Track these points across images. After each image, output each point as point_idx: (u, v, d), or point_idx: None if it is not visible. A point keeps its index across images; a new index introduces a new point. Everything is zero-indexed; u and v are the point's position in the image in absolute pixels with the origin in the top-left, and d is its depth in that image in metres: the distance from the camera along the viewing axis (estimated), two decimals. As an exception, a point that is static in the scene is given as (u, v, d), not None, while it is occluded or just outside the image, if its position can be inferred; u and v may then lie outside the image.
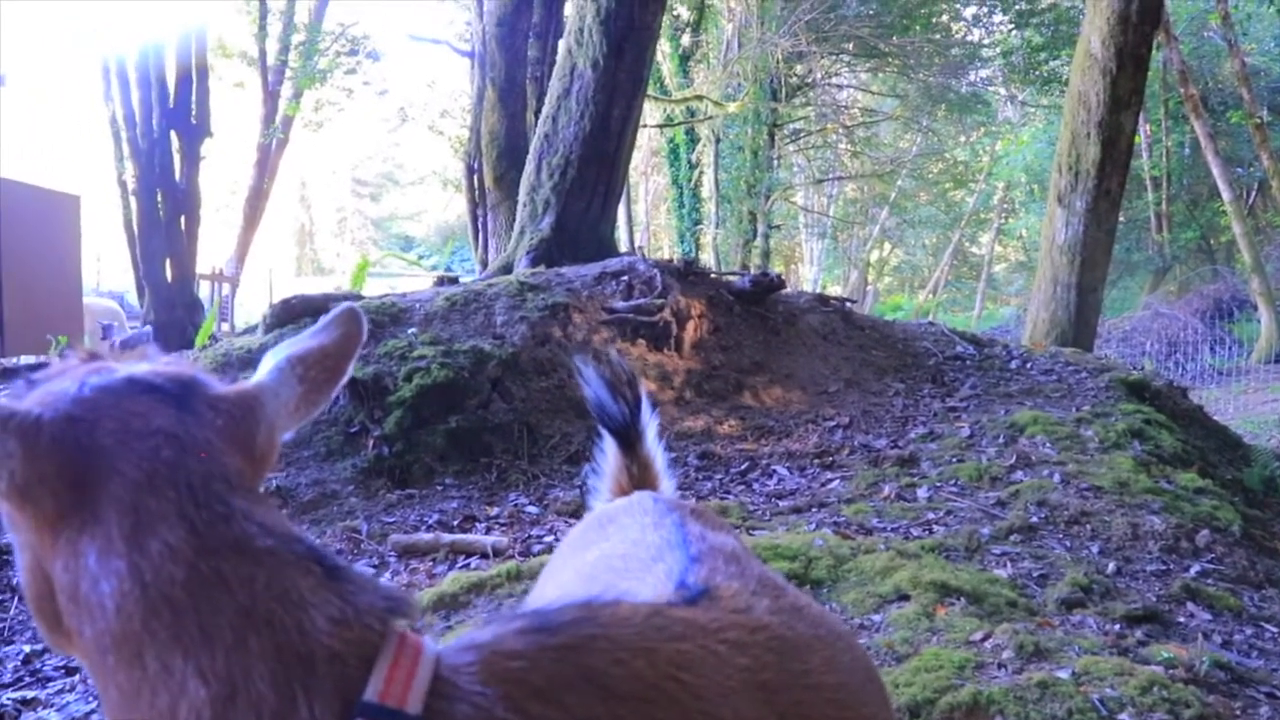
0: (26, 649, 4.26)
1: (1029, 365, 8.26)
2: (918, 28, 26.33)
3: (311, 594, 0.78)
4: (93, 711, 3.67)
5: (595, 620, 0.89)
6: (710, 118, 24.90)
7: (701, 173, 26.85)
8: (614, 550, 1.39)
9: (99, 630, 0.78)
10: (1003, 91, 32.10)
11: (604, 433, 1.93)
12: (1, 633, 4.43)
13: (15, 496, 0.84)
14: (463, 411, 6.15)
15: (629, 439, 1.89)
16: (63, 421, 0.86)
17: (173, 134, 14.24)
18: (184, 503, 0.81)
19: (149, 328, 14.16)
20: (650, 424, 1.92)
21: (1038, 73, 26.34)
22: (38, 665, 4.14)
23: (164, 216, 14.34)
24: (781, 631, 1.03)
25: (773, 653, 0.99)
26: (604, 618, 0.90)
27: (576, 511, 5.33)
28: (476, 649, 0.81)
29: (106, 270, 27.71)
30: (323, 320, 1.12)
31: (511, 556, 4.60)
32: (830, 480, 5.69)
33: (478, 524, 5.21)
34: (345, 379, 1.09)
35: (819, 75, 28.79)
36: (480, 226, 14.71)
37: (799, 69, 27.54)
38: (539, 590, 1.52)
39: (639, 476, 1.88)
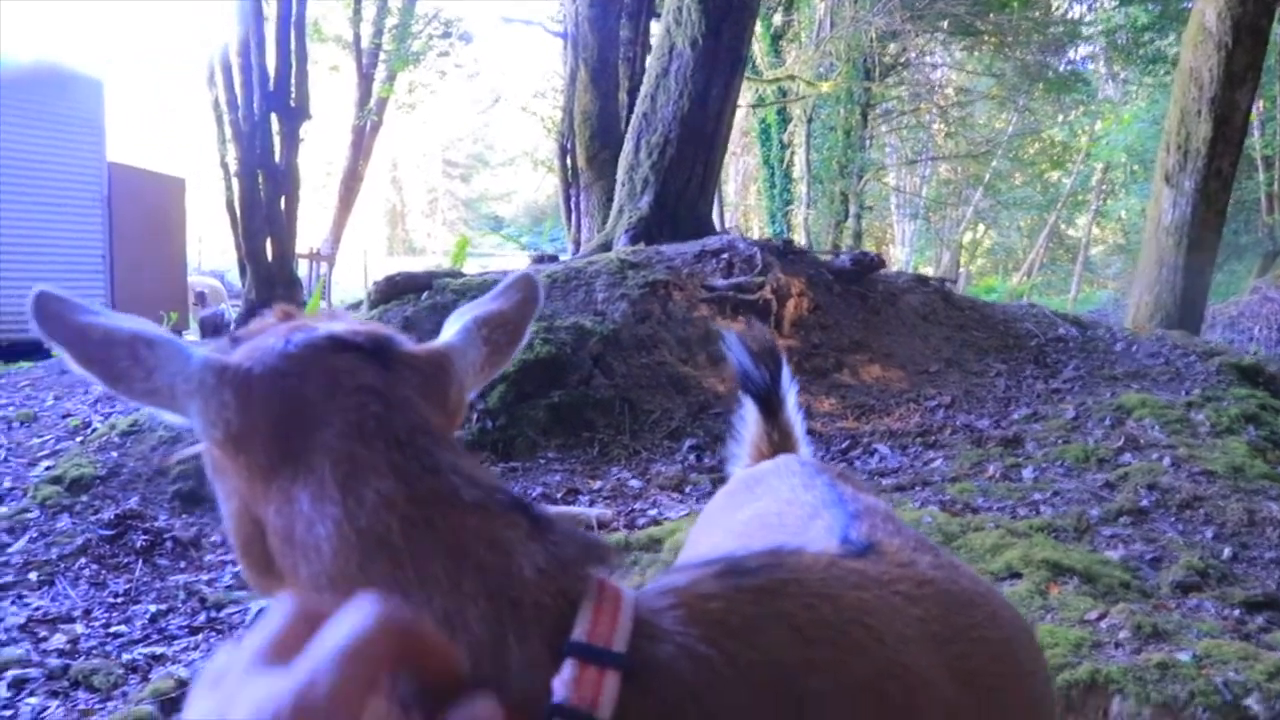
0: (152, 609, 4.41)
1: (1134, 348, 8.07)
2: (1015, 4, 25.73)
3: (518, 543, 0.80)
4: (217, 670, 3.79)
5: (784, 566, 0.90)
6: (802, 98, 24.68)
7: (793, 153, 26.63)
8: (768, 509, 1.40)
9: (315, 571, 0.81)
10: (1104, 70, 31.34)
11: (745, 399, 1.95)
12: (129, 593, 4.58)
13: (229, 446, 0.89)
14: (564, 387, 6.21)
15: (770, 405, 1.90)
16: (273, 375, 0.90)
17: (273, 117, 14.51)
18: (392, 454, 0.84)
19: (222, 307, 14.49)
20: (790, 391, 1.93)
21: (1142, 51, 25.60)
22: (164, 624, 4.28)
23: (264, 197, 14.60)
24: (946, 586, 1.04)
25: (940, 606, 1.00)
26: (791, 564, 0.92)
27: (679, 485, 5.36)
28: (675, 592, 0.83)
29: (208, 250, 28.36)
30: (500, 285, 1.15)
31: (616, 529, 4.64)
32: (933, 459, 5.64)
33: (581, 496, 5.27)
34: (524, 342, 1.12)
35: (913, 54, 28.34)
36: (573, 206, 14.76)
37: (892, 48, 27.13)
38: (689, 551, 1.54)
39: (779, 443, 1.89)
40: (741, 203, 36.22)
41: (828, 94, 24.39)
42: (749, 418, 1.96)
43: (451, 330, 1.07)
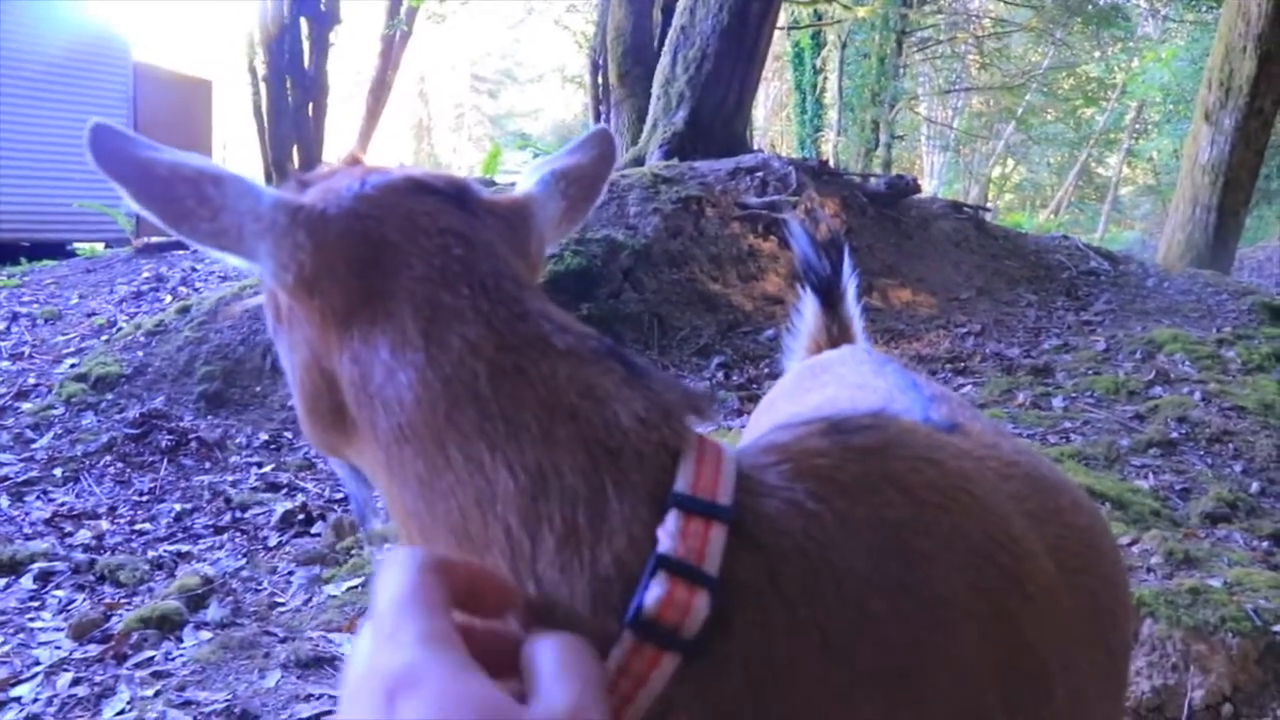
0: (177, 507, 4.45)
1: (1166, 284, 8.01)
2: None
3: (615, 390, 0.77)
4: (242, 568, 3.84)
5: (887, 429, 0.88)
6: (838, 22, 24.28)
7: (826, 78, 26.28)
8: (838, 394, 1.37)
9: (396, 422, 0.78)
10: (1144, 5, 30.74)
11: (806, 290, 1.92)
12: (154, 491, 4.63)
13: (302, 290, 0.85)
14: (594, 300, 6.19)
15: (831, 297, 1.88)
16: (350, 216, 0.86)
17: (303, 21, 14.37)
18: (479, 299, 0.81)
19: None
20: (851, 283, 1.90)
21: (1186, -14, 25.09)
22: (188, 523, 4.33)
23: (292, 103, 14.54)
24: (1031, 470, 1.02)
25: (1030, 487, 0.98)
26: (894, 427, 0.89)
27: (708, 403, 5.36)
28: (779, 449, 0.80)
29: (232, 157, 28.24)
30: (579, 139, 1.11)
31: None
32: (963, 386, 5.63)
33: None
34: (599, 199, 1.09)
35: (952, -19, 27.90)
36: (603, 123, 14.63)
37: (932, -26, 26.71)
38: (750, 434, 1.52)
39: (839, 336, 1.87)
40: (771, 128, 35.85)
41: (864, 19, 23.98)
42: (807, 310, 1.93)
43: (531, 181, 1.03)
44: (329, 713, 2.70)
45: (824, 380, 1.48)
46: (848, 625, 0.72)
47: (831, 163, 21.64)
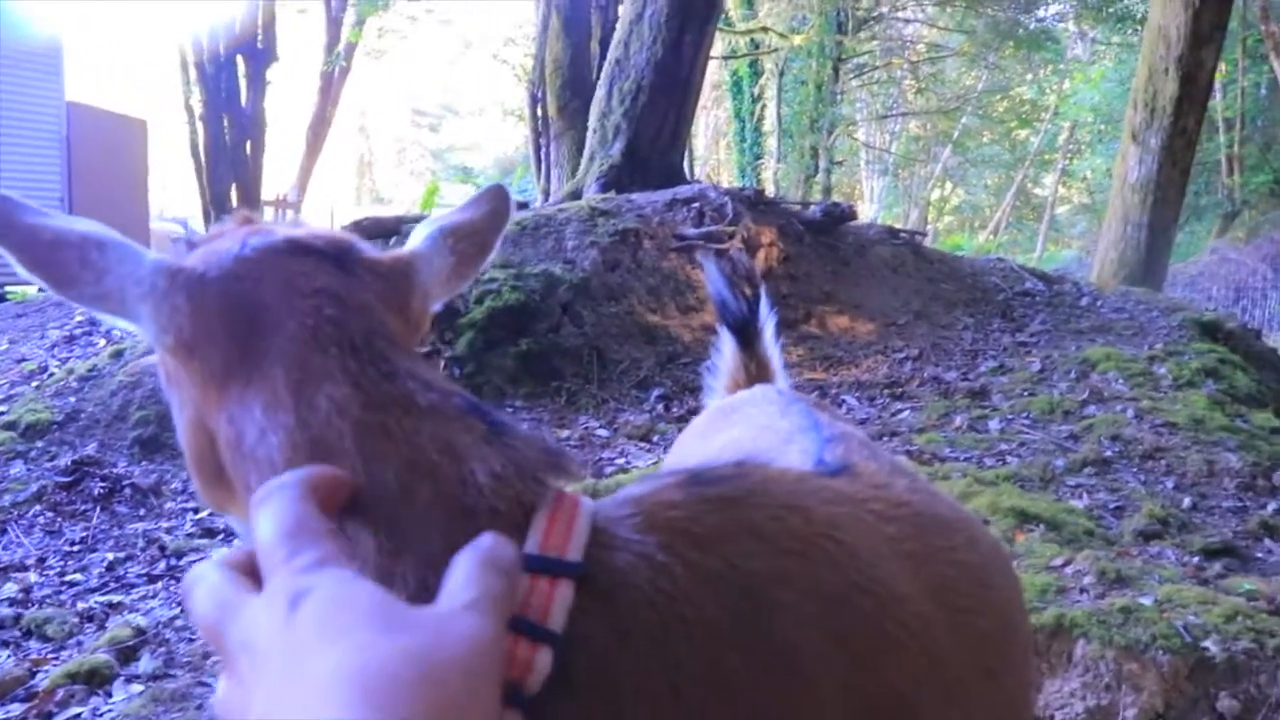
0: (110, 556, 4.36)
1: (1099, 303, 8.14)
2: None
3: (474, 449, 0.78)
4: (176, 617, 3.77)
5: (750, 477, 0.88)
6: (774, 50, 24.55)
7: (764, 106, 26.53)
8: (742, 435, 1.38)
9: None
10: (1073, 29, 31.38)
11: (722, 329, 1.94)
12: (85, 541, 4.53)
13: (182, 351, 0.86)
14: (533, 335, 6.18)
15: (748, 335, 1.89)
16: (228, 278, 0.87)
17: (239, 58, 14.28)
18: (348, 359, 0.82)
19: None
20: (768, 322, 1.92)
21: (1111, 10, 25.63)
22: (121, 572, 4.24)
23: (230, 142, 14.44)
24: (922, 509, 1.03)
25: (916, 527, 0.98)
26: (757, 475, 0.90)
27: (646, 435, 5.37)
28: (634, 501, 0.81)
29: (171, 196, 27.97)
30: (472, 197, 1.13)
31: (584, 477, 4.63)
32: (900, 410, 5.68)
33: (553, 444, 5.25)
34: (493, 255, 1.10)
35: (885, 9, 28.29)
36: (543, 157, 14.60)
37: (865, 2, 27.07)
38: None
39: (756, 374, 1.88)
40: (711, 157, 36.07)
41: (800, 47, 24.28)
42: (726, 349, 1.95)
43: (419, 238, 1.04)
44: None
45: (732, 420, 1.50)
46: (700, 679, 0.72)
47: (772, 189, 21.87)
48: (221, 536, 4.58)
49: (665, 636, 0.72)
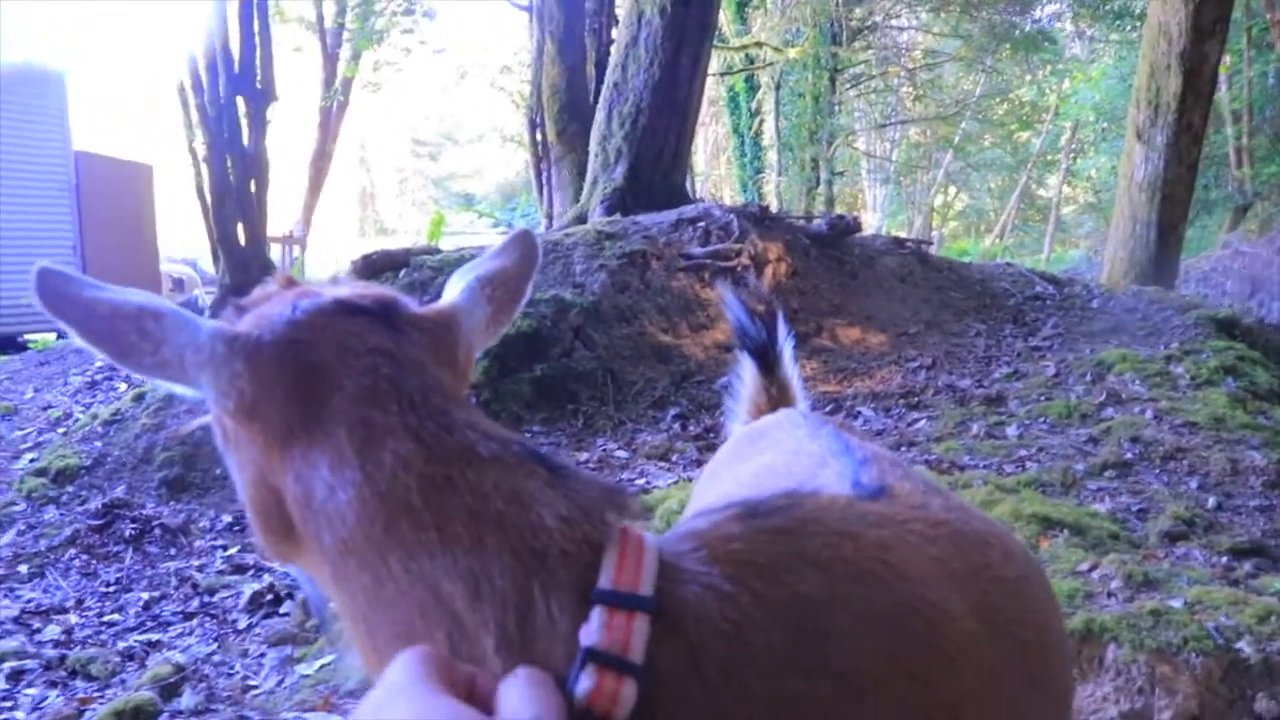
0: (145, 596, 4.40)
1: (1111, 304, 8.12)
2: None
3: (539, 494, 0.81)
4: (213, 653, 3.80)
5: (802, 506, 0.91)
6: (770, 64, 24.59)
7: (762, 120, 26.56)
8: (774, 461, 1.40)
9: (339, 537, 0.81)
10: (1070, 28, 31.37)
11: (742, 355, 1.95)
12: (120, 581, 4.57)
13: (243, 415, 0.89)
14: (547, 360, 6.20)
15: (767, 360, 1.91)
16: (284, 342, 0.90)
17: (239, 100, 14.33)
18: (407, 415, 0.85)
19: (196, 293, 14.41)
20: (787, 345, 1.93)
21: (1109, 7, 25.61)
22: (157, 611, 4.28)
23: (235, 181, 14.46)
24: (959, 526, 1.05)
25: (955, 545, 1.00)
26: (809, 504, 0.93)
27: (665, 454, 5.37)
28: (696, 536, 0.84)
29: (179, 237, 28.08)
30: (501, 243, 1.15)
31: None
32: (917, 420, 5.67)
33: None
34: (525, 300, 1.12)
35: (879, 17, 28.31)
36: (544, 181, 14.66)
37: (859, 12, 27.06)
38: (695, 507, 1.53)
39: (777, 398, 1.90)
40: (712, 172, 36.11)
41: (795, 60, 24.30)
42: (746, 374, 1.97)
43: (455, 290, 1.06)
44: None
45: (761, 446, 1.52)
46: (767, 704, 0.74)
47: (775, 203, 21.89)
48: (252, 572, 4.61)
49: (735, 665, 0.75)
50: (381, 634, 0.80)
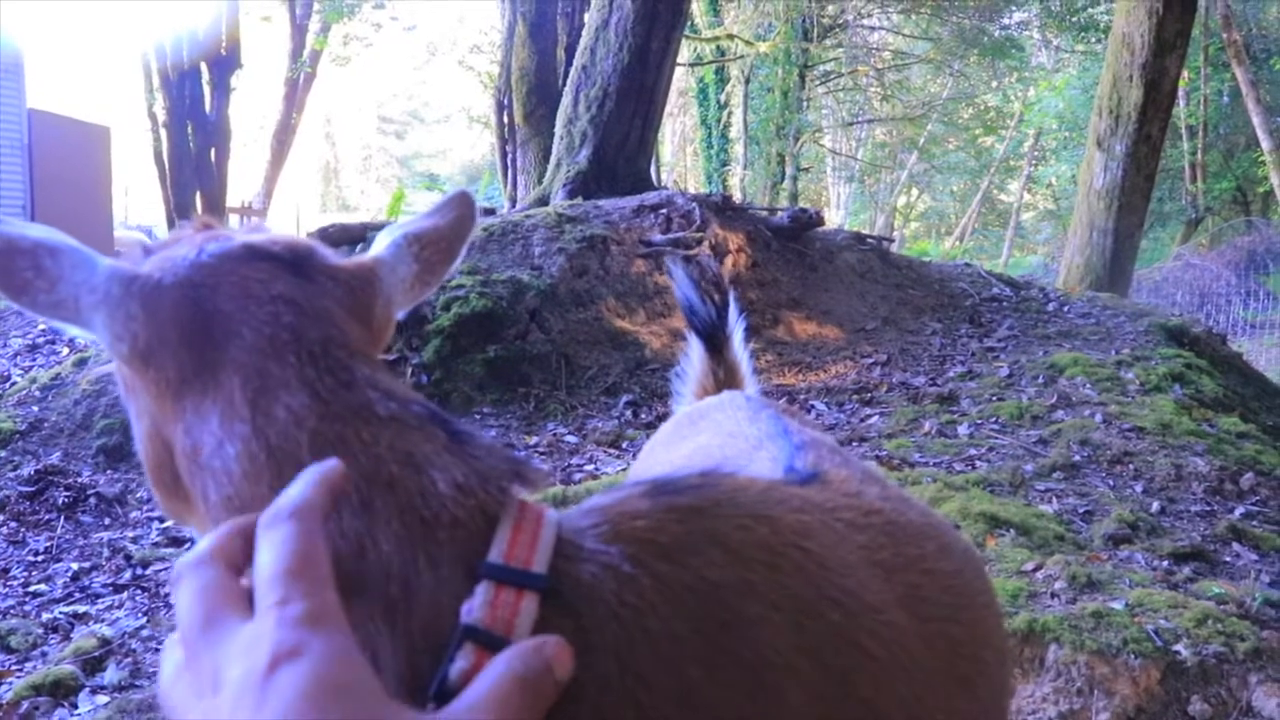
0: (75, 566, 4.31)
1: (1066, 308, 8.20)
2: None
3: (435, 458, 0.77)
4: (142, 627, 3.72)
5: (716, 486, 0.87)
6: (740, 57, 24.63)
7: (730, 113, 26.59)
8: (710, 442, 1.37)
9: (224, 494, 0.78)
10: (1037, 36, 31.66)
11: (690, 335, 1.92)
12: (50, 551, 4.47)
13: (137, 360, 0.84)
14: (501, 341, 6.15)
15: (716, 341, 1.88)
16: (183, 285, 0.85)
17: (203, 66, 14.16)
18: (305, 367, 0.81)
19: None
20: (737, 327, 1.90)
21: (1075, 18, 25.88)
22: (86, 582, 4.19)
23: (194, 149, 14.32)
24: (894, 517, 1.02)
25: (887, 535, 0.98)
26: (725, 485, 0.88)
27: (615, 441, 5.34)
28: (600, 511, 0.80)
29: (134, 204, 27.72)
30: (437, 202, 1.11)
31: (553, 484, 4.60)
32: (870, 416, 5.68)
33: (517, 452, 5.22)
34: (458, 262, 1.08)
35: (851, 16, 28.42)
36: (509, 163, 14.61)
37: (831, 9, 27.16)
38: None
39: (725, 380, 1.87)
40: (678, 163, 36.15)
41: (766, 55, 24.35)
42: (694, 354, 1.94)
43: (382, 245, 1.02)
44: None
45: (700, 427, 1.49)
46: (664, 693, 0.70)
47: (739, 196, 21.91)
48: (188, 545, 4.52)
49: (630, 650, 0.70)
50: None
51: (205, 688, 0.61)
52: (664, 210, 7.64)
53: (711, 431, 1.43)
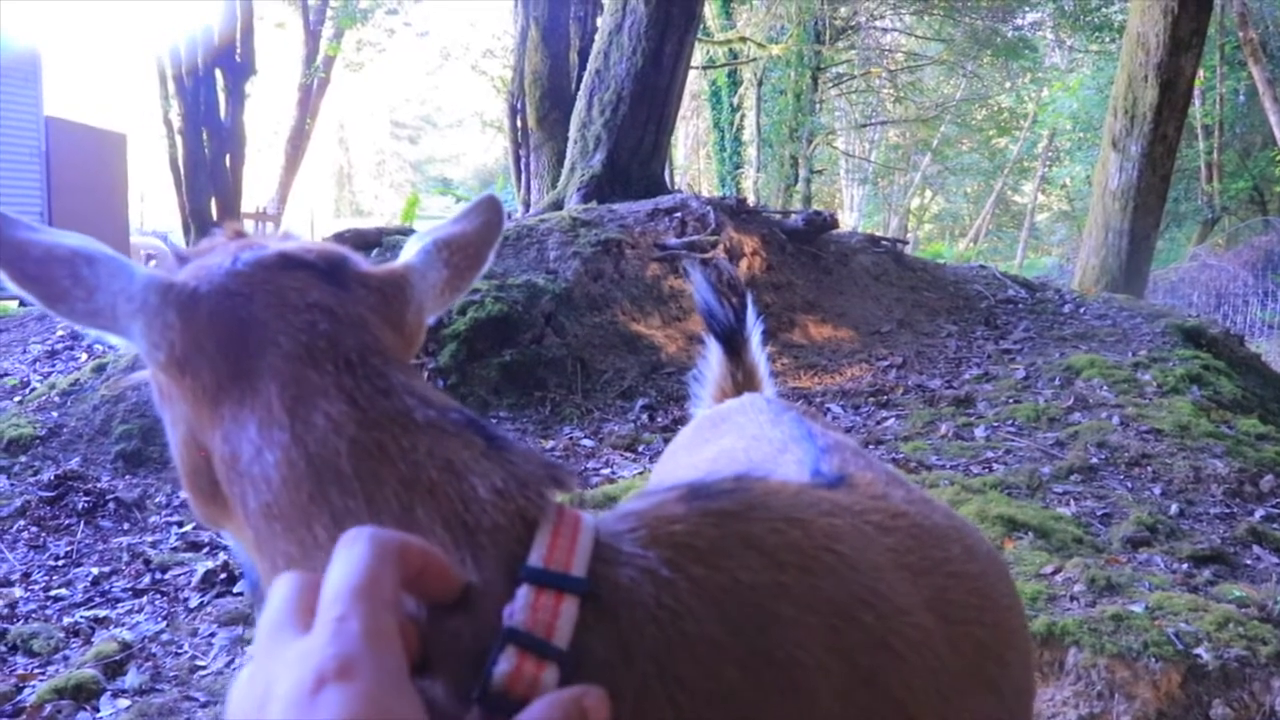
0: (95, 571, 4.32)
1: (1082, 310, 8.18)
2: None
3: (474, 464, 0.77)
4: (162, 631, 3.73)
5: (750, 491, 0.88)
6: (753, 60, 24.63)
7: (743, 116, 26.59)
8: (734, 445, 1.37)
9: (264, 501, 0.78)
10: (1051, 37, 31.58)
11: (709, 338, 1.92)
12: (70, 555, 4.49)
13: (174, 368, 0.85)
14: (516, 345, 6.16)
15: (734, 344, 1.88)
16: (220, 294, 0.86)
17: (218, 72, 14.19)
18: (343, 375, 0.81)
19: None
20: (755, 330, 1.90)
21: (1089, 19, 25.80)
22: (106, 587, 4.20)
23: (209, 155, 14.32)
24: (919, 519, 1.02)
25: (914, 538, 0.98)
26: (758, 488, 0.89)
27: (631, 445, 5.34)
28: (636, 515, 0.81)
29: (150, 210, 27.84)
30: (465, 208, 1.12)
31: (581, 490, 4.60)
32: (886, 419, 5.67)
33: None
34: (486, 266, 1.08)
35: (863, 18, 28.37)
36: (522, 168, 14.60)
37: (843, 11, 27.12)
38: (653, 485, 1.51)
39: (743, 383, 1.87)
40: (691, 166, 36.18)
41: (778, 57, 24.34)
42: (712, 357, 1.94)
43: (412, 251, 1.03)
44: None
45: (722, 430, 1.49)
46: (701, 695, 0.71)
47: (752, 199, 21.90)
48: (207, 550, 4.55)
49: (668, 652, 0.71)
50: None
51: (259, 698, 0.61)
52: (678, 214, 7.65)
53: (734, 435, 1.43)
